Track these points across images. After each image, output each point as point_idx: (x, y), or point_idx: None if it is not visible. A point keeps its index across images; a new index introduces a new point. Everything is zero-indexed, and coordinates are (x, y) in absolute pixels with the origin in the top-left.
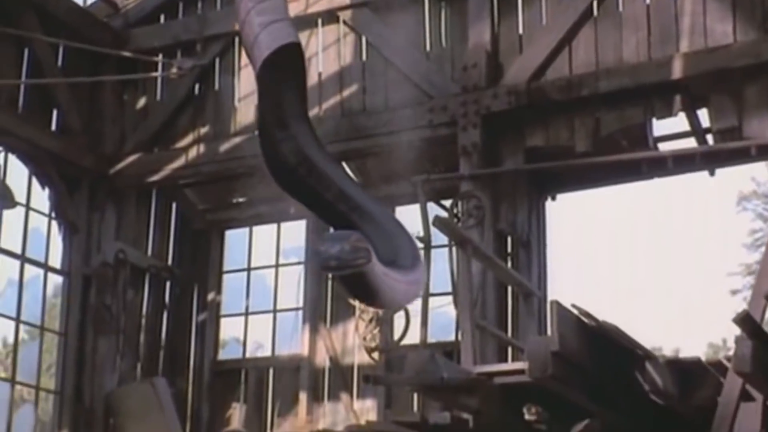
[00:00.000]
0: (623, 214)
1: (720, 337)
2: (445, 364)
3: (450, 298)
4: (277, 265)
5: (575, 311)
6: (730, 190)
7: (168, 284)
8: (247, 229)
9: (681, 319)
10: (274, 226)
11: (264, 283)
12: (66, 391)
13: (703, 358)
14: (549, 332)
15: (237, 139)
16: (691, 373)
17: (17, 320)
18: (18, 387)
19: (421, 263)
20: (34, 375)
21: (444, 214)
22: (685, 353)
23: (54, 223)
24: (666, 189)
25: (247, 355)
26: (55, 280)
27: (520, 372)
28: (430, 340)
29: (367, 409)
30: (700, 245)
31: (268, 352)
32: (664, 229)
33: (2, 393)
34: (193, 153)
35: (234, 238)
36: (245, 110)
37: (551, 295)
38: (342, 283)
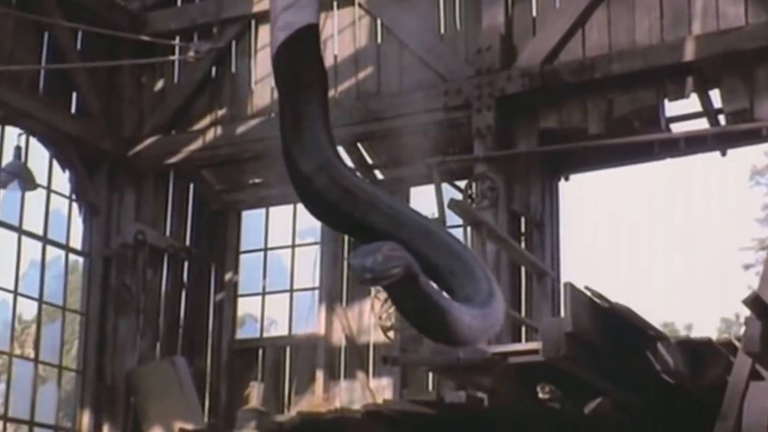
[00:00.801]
0: (636, 193)
1: (733, 312)
2: None
3: None
4: (293, 246)
5: (588, 293)
6: (743, 166)
7: (186, 264)
8: (263, 210)
9: (694, 295)
10: (291, 206)
11: (280, 263)
12: (88, 370)
13: (716, 333)
14: (562, 313)
15: (254, 122)
16: (701, 353)
17: (40, 301)
18: (41, 366)
19: (497, 299)
20: (56, 354)
21: (458, 195)
22: (698, 328)
23: (74, 205)
24: (678, 167)
25: (265, 334)
26: (77, 261)
27: (534, 352)
28: None
29: (382, 387)
30: (712, 221)
31: (285, 332)
32: (677, 207)
33: (26, 372)
34: (210, 135)
35: (251, 219)
36: (262, 93)
37: (564, 275)
38: (402, 313)
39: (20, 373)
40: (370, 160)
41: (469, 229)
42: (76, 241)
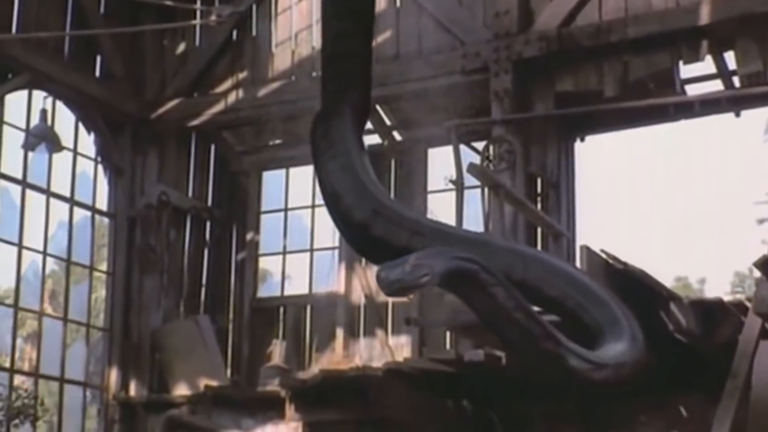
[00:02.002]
0: (650, 153)
1: (746, 266)
2: None
3: None
4: (313, 206)
5: (604, 255)
6: (758, 124)
7: (208, 225)
8: (283, 171)
9: (707, 249)
10: (310, 167)
11: (301, 223)
12: (115, 329)
13: (729, 287)
14: None
15: (275, 84)
16: (713, 313)
17: (68, 261)
18: (70, 325)
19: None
20: (84, 313)
21: (476, 156)
22: (711, 282)
23: (100, 167)
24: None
25: (285, 292)
26: (103, 222)
27: None
28: None
29: (401, 345)
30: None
31: (305, 290)
32: (691, 163)
33: (55, 330)
34: (231, 98)
35: (271, 180)
36: (282, 56)
37: (579, 236)
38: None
39: (50, 332)
40: (388, 122)
41: (486, 191)
42: (102, 203)
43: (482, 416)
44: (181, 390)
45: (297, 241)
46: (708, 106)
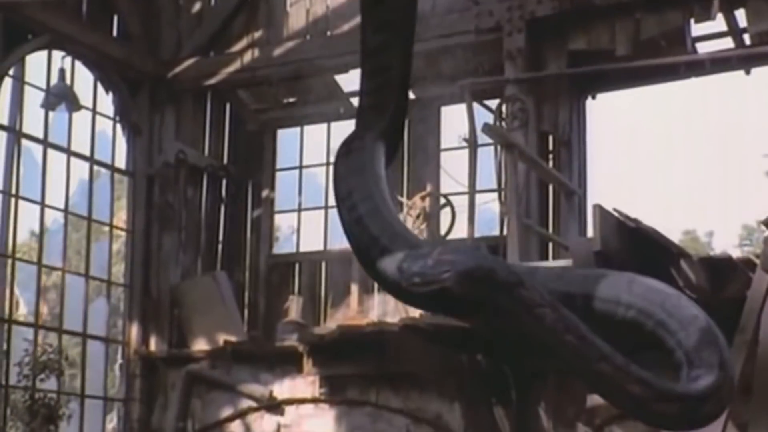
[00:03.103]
0: (660, 110)
1: (754, 219)
2: None
3: (494, 195)
4: (327, 164)
5: (616, 214)
6: None
7: (224, 182)
8: (298, 129)
9: (715, 202)
10: (325, 125)
11: (315, 180)
12: (135, 285)
13: (737, 240)
14: (589, 230)
15: (290, 44)
16: (722, 270)
17: (89, 219)
18: (92, 281)
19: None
20: (105, 270)
21: (488, 114)
22: (719, 236)
23: (118, 127)
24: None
25: (301, 249)
26: (122, 180)
27: None
28: (476, 235)
29: None
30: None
31: (320, 247)
32: (701, 120)
33: (78, 287)
34: (247, 57)
35: (286, 138)
36: (297, 15)
37: (590, 193)
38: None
39: (72, 289)
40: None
41: (498, 147)
42: (121, 161)
43: (496, 370)
44: (200, 345)
45: (312, 198)
46: (719, 64)
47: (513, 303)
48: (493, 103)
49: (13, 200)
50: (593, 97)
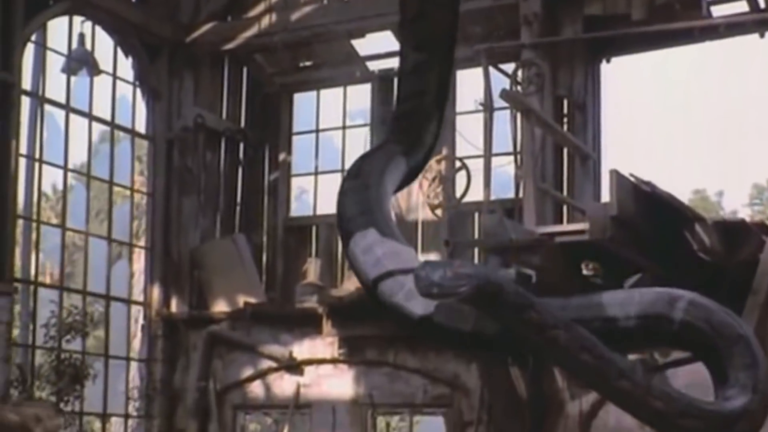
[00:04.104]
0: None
1: (764, 178)
2: (512, 226)
3: (509, 158)
4: (344, 127)
5: (632, 178)
6: None
7: (242, 146)
8: (314, 92)
9: (725, 162)
10: (341, 89)
11: (332, 144)
12: (156, 248)
13: (747, 199)
14: (603, 193)
15: (307, 9)
16: (735, 233)
17: (110, 182)
18: (114, 244)
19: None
20: (127, 233)
21: (503, 78)
22: (729, 195)
23: (138, 91)
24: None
25: (317, 212)
26: (142, 145)
27: (580, 233)
28: (491, 197)
29: None
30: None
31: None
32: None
33: (100, 250)
34: (265, 22)
35: (302, 101)
36: None
37: (604, 155)
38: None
39: (95, 251)
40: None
41: (514, 113)
42: (140, 126)
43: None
44: (220, 306)
45: (328, 161)
46: (733, 28)
47: (523, 326)
48: (509, 68)
49: (36, 165)
50: (608, 61)
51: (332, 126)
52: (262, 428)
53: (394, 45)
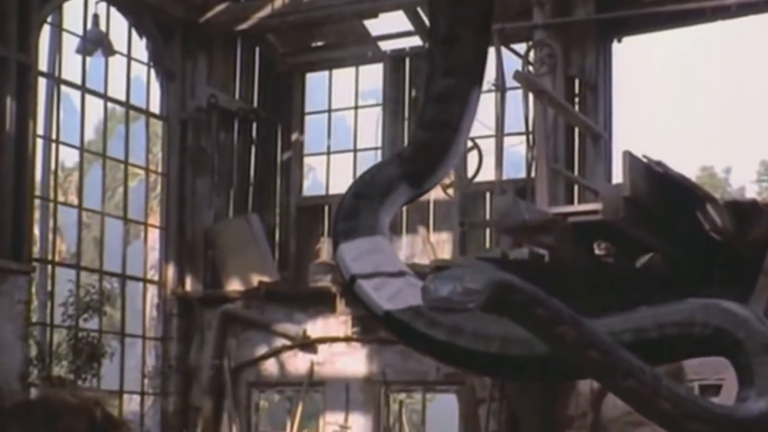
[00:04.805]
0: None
1: None
2: (525, 207)
3: (521, 138)
4: (356, 107)
5: (645, 160)
6: None
7: (255, 126)
8: (326, 72)
9: (733, 139)
10: (353, 68)
11: (344, 123)
12: (170, 227)
13: (755, 176)
14: (614, 173)
15: None
16: (746, 213)
17: (125, 163)
18: (129, 224)
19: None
20: (141, 213)
21: (515, 58)
22: (737, 172)
23: (152, 72)
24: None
25: (330, 192)
26: (156, 125)
27: (593, 213)
28: (503, 177)
29: (442, 242)
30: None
31: None
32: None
33: (116, 230)
34: (277, 2)
35: (314, 81)
36: None
37: (615, 134)
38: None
39: (111, 231)
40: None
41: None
42: (155, 106)
43: None
44: (234, 285)
45: (341, 141)
46: (745, 7)
47: (530, 323)
48: (521, 48)
49: (53, 145)
50: (619, 41)
51: (344, 106)
52: (270, 406)
53: (407, 25)
